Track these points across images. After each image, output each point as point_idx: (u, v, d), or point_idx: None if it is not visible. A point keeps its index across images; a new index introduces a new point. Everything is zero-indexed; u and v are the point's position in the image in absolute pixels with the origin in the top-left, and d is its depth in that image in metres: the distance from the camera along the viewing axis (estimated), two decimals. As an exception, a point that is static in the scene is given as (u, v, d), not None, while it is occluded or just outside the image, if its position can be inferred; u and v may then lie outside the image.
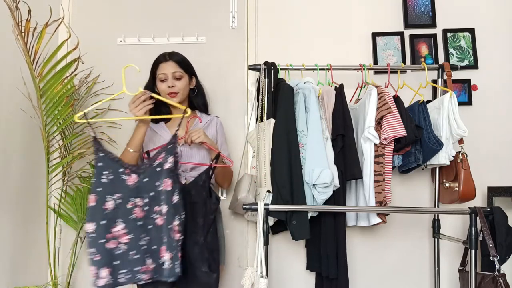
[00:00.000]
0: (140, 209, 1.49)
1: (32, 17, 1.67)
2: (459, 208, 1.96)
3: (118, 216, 1.46)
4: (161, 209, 1.47)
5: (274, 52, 2.24)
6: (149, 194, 1.49)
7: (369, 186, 1.83)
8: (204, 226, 1.65)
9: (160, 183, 1.48)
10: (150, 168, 1.51)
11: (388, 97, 1.85)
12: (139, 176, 1.50)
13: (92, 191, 1.46)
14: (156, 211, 1.48)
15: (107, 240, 1.44)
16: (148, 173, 1.50)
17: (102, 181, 1.46)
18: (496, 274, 1.65)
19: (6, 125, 1.90)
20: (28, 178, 2.02)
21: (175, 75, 1.79)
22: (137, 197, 1.49)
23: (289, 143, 1.80)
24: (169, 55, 1.83)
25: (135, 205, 1.48)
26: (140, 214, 1.49)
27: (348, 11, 2.27)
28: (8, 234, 1.89)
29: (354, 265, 2.12)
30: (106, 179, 1.46)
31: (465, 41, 2.22)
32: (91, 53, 2.22)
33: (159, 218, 1.48)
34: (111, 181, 1.47)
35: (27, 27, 1.66)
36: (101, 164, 1.47)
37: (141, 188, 1.49)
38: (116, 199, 1.46)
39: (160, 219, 1.48)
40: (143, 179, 1.49)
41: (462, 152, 1.92)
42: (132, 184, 1.49)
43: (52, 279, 1.95)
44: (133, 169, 1.50)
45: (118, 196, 1.47)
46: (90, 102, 2.18)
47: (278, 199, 1.76)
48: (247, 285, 1.62)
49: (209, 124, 1.89)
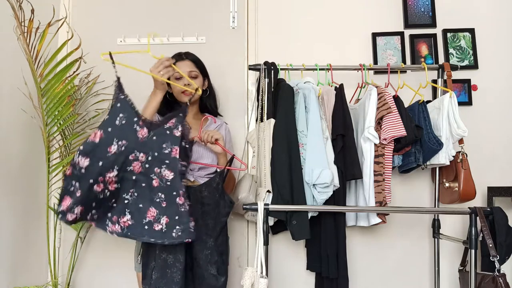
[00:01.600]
0: (140, 164, 1.45)
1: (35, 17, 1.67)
2: (459, 208, 1.96)
3: (116, 163, 1.41)
4: (162, 172, 1.44)
5: (274, 52, 2.24)
6: (154, 153, 1.45)
7: (369, 186, 1.83)
8: (215, 228, 1.66)
9: (167, 146, 1.45)
10: (161, 128, 1.48)
11: (388, 97, 1.85)
12: (149, 132, 1.46)
13: (101, 127, 1.39)
14: (156, 172, 1.45)
15: (96, 182, 1.37)
16: (158, 131, 1.47)
17: (115, 123, 1.41)
18: (496, 274, 1.64)
19: (6, 125, 1.90)
20: (29, 178, 2.02)
21: (191, 74, 1.79)
22: (141, 152, 1.45)
23: (289, 143, 1.80)
24: (185, 54, 1.84)
25: (136, 158, 1.45)
26: (138, 169, 1.45)
27: (348, 11, 2.27)
28: (8, 234, 1.89)
29: (354, 265, 2.12)
30: (119, 122, 1.41)
31: (465, 41, 2.22)
32: (91, 53, 2.21)
33: (155, 180, 1.45)
34: (122, 125, 1.42)
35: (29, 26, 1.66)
36: (119, 105, 1.42)
37: (147, 144, 1.46)
38: (121, 146, 1.41)
39: (156, 181, 1.45)
40: (152, 136, 1.46)
41: (462, 152, 1.91)
42: (141, 137, 1.45)
43: (52, 279, 1.95)
44: (146, 123, 1.47)
45: (124, 143, 1.42)
46: (90, 102, 2.18)
47: (278, 199, 1.76)
48: (247, 285, 1.62)
49: (219, 129, 1.88)
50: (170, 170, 1.45)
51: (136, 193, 1.46)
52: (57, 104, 1.83)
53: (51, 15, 1.74)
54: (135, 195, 1.46)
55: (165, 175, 1.45)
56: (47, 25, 1.69)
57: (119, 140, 1.40)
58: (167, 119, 1.51)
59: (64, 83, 1.84)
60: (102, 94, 2.20)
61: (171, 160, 1.45)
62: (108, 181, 1.41)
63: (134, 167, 1.45)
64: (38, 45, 1.71)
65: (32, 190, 2.04)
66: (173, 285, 1.57)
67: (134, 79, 1.88)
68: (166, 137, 1.46)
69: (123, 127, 1.41)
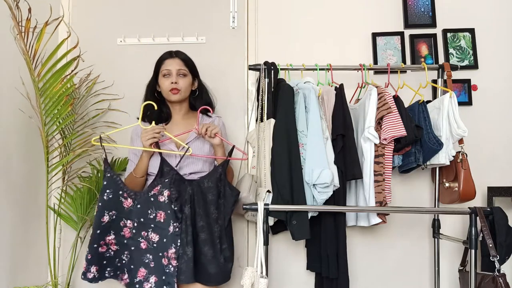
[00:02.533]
0: (128, 230, 1.68)
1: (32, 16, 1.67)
2: (459, 208, 1.96)
3: (111, 229, 1.67)
4: (148, 235, 1.65)
5: (274, 52, 2.24)
6: (139, 219, 1.66)
7: (369, 186, 1.83)
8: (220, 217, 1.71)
9: (152, 212, 1.65)
10: (145, 196, 1.66)
11: (388, 97, 1.85)
12: (133, 202, 1.67)
13: (97, 204, 1.67)
14: (143, 235, 1.66)
15: (99, 245, 1.65)
16: (141, 200, 1.66)
17: (104, 198, 1.66)
18: (496, 274, 1.65)
19: (5, 125, 1.89)
20: (28, 178, 2.02)
21: (179, 72, 1.79)
22: (128, 219, 1.67)
23: (289, 143, 1.80)
24: (175, 52, 1.83)
25: (125, 225, 1.68)
26: (128, 234, 1.68)
27: (348, 11, 2.27)
28: (8, 234, 1.89)
29: (354, 265, 2.12)
30: (106, 197, 1.66)
31: (465, 41, 2.22)
32: (91, 53, 2.22)
33: (143, 243, 1.66)
34: (110, 199, 1.66)
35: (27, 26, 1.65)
36: (105, 183, 1.67)
37: (133, 212, 1.67)
38: (112, 215, 1.67)
39: (144, 243, 1.65)
40: (137, 205, 1.66)
41: (462, 152, 1.91)
42: (126, 207, 1.68)
43: (52, 279, 1.95)
44: (130, 195, 1.68)
45: (114, 213, 1.67)
46: (90, 102, 2.18)
47: (278, 199, 1.76)
48: (247, 285, 1.62)
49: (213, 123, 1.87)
50: (156, 233, 1.64)
51: (129, 255, 1.68)
52: (56, 103, 1.82)
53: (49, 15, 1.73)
54: (128, 257, 1.69)
55: (151, 237, 1.64)
56: (45, 24, 1.68)
57: (109, 211, 1.66)
58: (151, 187, 1.66)
59: (62, 82, 1.84)
60: (102, 94, 2.20)
61: (155, 224, 1.64)
62: (109, 243, 1.68)
63: (124, 232, 1.68)
64: (36, 44, 1.70)
65: (32, 190, 2.04)
66: (181, 275, 1.61)
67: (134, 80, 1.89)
68: (150, 204, 1.65)
69: (110, 200, 1.66)
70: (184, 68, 1.81)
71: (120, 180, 1.68)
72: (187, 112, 1.88)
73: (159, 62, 1.82)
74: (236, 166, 2.08)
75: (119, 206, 1.67)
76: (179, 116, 1.86)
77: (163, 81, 1.79)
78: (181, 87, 1.78)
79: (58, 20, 1.72)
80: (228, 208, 1.72)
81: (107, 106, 2.19)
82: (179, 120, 1.85)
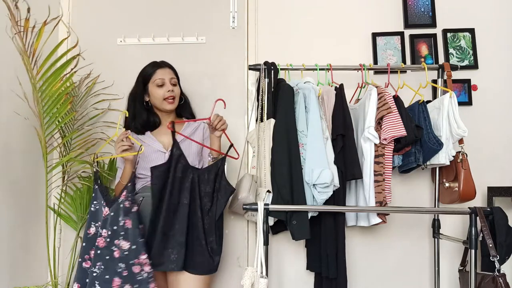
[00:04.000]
0: (102, 239, 1.64)
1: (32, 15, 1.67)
2: (459, 208, 1.96)
3: (94, 242, 1.65)
4: (120, 243, 1.61)
5: (274, 52, 2.23)
6: (113, 227, 1.63)
7: (369, 186, 1.83)
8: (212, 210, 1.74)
9: (122, 219, 1.63)
10: (115, 204, 1.64)
11: (388, 97, 1.85)
12: (109, 210, 1.65)
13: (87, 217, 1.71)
14: (116, 244, 1.62)
15: (84, 260, 1.67)
16: (114, 207, 1.64)
17: (91, 209, 1.69)
18: (496, 274, 1.65)
19: (5, 125, 1.89)
20: (28, 178, 2.02)
21: (172, 82, 1.83)
22: (103, 228, 1.65)
23: (289, 143, 1.80)
24: (162, 62, 1.87)
25: (100, 234, 1.65)
26: (102, 244, 1.63)
27: (348, 11, 2.27)
28: (8, 234, 1.89)
29: (354, 265, 2.12)
30: (94, 208, 1.69)
31: (465, 41, 2.22)
32: (91, 53, 2.21)
33: (116, 251, 1.62)
34: (96, 210, 1.69)
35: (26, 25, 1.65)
36: (94, 195, 1.71)
37: (107, 221, 1.64)
38: (98, 226, 1.67)
39: (117, 252, 1.61)
40: (111, 213, 1.64)
41: (462, 152, 1.92)
42: (104, 216, 1.66)
43: (52, 279, 1.95)
44: (107, 203, 1.67)
45: (99, 224, 1.67)
46: (90, 102, 2.18)
47: (278, 199, 1.76)
48: (247, 285, 1.62)
49: (196, 130, 1.90)
50: (126, 241, 1.62)
51: (103, 266, 1.63)
52: (55, 102, 1.82)
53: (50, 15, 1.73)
54: (102, 267, 1.63)
55: (122, 245, 1.61)
56: (43, 23, 1.68)
57: (95, 222, 1.68)
58: (120, 192, 1.65)
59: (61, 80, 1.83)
60: (102, 94, 2.19)
61: (125, 231, 1.62)
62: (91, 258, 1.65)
63: (98, 242, 1.64)
64: (35, 43, 1.70)
65: (32, 190, 2.04)
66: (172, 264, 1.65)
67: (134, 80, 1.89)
68: (119, 210, 1.63)
69: (96, 211, 1.69)
70: (175, 77, 1.86)
71: (106, 191, 1.70)
72: (175, 118, 1.92)
73: (149, 73, 1.83)
74: (236, 166, 2.08)
75: (101, 216, 1.67)
76: (167, 122, 1.87)
77: (156, 90, 1.80)
78: (176, 95, 1.83)
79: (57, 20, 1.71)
80: (222, 202, 1.75)
81: (107, 106, 2.19)
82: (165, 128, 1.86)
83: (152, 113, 1.87)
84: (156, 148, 1.80)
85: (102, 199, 1.68)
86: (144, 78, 1.84)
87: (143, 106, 1.86)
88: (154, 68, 1.83)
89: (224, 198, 1.76)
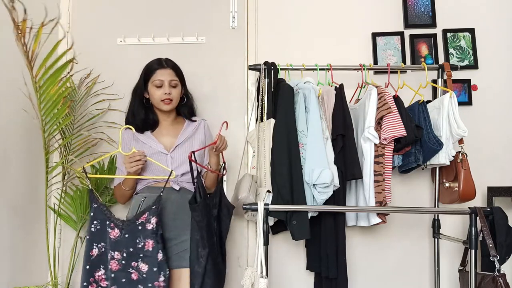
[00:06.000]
0: (116, 262, 1.58)
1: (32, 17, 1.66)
2: (459, 208, 1.96)
3: (101, 263, 1.60)
4: (139, 265, 1.58)
5: (274, 52, 2.23)
6: (128, 249, 1.58)
7: (369, 186, 1.83)
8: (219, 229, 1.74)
9: (140, 241, 1.59)
10: (132, 225, 1.60)
11: (388, 97, 1.85)
12: (121, 231, 1.60)
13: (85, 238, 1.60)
14: (133, 266, 1.58)
15: (89, 283, 1.59)
16: (129, 229, 1.59)
17: (92, 230, 1.60)
18: (496, 274, 1.65)
19: (6, 124, 1.90)
20: (28, 178, 2.02)
21: (171, 84, 1.79)
22: (115, 251, 1.58)
23: (289, 143, 1.80)
24: (166, 61, 1.83)
25: (112, 257, 1.58)
26: (116, 267, 1.58)
27: (348, 11, 2.27)
28: (8, 234, 1.89)
29: (354, 265, 2.12)
30: (94, 229, 1.60)
31: (465, 41, 2.22)
32: (91, 53, 2.22)
33: (134, 273, 1.58)
34: (98, 230, 1.60)
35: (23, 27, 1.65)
36: (92, 214, 1.61)
37: (120, 243, 1.59)
38: (101, 248, 1.60)
39: (135, 274, 1.58)
40: (125, 235, 1.59)
41: (462, 152, 1.91)
42: (113, 238, 1.59)
43: (52, 279, 1.95)
44: (117, 224, 1.60)
45: (103, 245, 1.60)
46: (90, 102, 2.18)
47: (278, 199, 1.76)
48: (247, 285, 1.62)
49: (197, 129, 1.89)
50: (145, 263, 1.58)
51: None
52: (55, 104, 1.81)
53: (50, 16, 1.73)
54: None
55: (141, 268, 1.58)
56: (41, 25, 1.68)
57: (98, 243, 1.60)
58: (139, 214, 1.61)
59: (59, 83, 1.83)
60: (102, 94, 2.19)
61: (144, 253, 1.58)
62: (99, 279, 1.60)
63: (111, 266, 1.58)
64: (33, 45, 1.70)
65: (32, 190, 2.04)
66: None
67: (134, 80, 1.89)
68: (138, 232, 1.59)
69: (98, 232, 1.60)
70: (176, 78, 1.81)
71: (107, 210, 1.62)
72: (175, 118, 1.90)
73: (150, 71, 1.80)
74: (236, 166, 2.08)
75: (107, 237, 1.60)
76: (167, 122, 1.87)
77: (154, 90, 1.78)
78: (173, 97, 1.79)
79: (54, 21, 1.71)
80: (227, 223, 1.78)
81: (107, 106, 2.19)
82: (167, 126, 1.86)
83: (151, 111, 1.85)
84: (157, 149, 1.78)
85: (106, 219, 1.60)
86: (145, 76, 1.82)
87: (143, 104, 1.84)
88: (155, 67, 1.80)
89: (228, 218, 1.77)
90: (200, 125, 1.91)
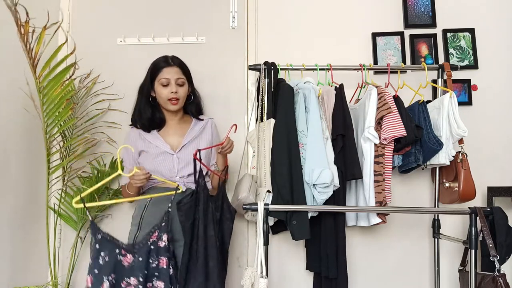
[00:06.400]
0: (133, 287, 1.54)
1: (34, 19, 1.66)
2: (459, 208, 1.96)
3: None
4: (154, 284, 1.55)
5: (274, 52, 2.23)
6: (144, 272, 1.54)
7: (369, 186, 1.83)
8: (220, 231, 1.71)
9: (154, 260, 1.56)
10: (145, 247, 1.56)
11: (388, 97, 1.85)
12: (134, 256, 1.55)
13: (89, 272, 1.50)
14: (148, 287, 1.55)
15: None
16: (142, 251, 1.55)
17: (99, 263, 1.50)
18: (496, 274, 1.65)
19: (7, 125, 1.90)
20: (29, 178, 2.02)
21: (178, 82, 1.77)
22: (130, 277, 1.53)
23: (289, 143, 1.80)
24: (172, 59, 1.81)
25: (128, 284, 1.53)
26: None
27: (348, 11, 2.27)
28: (8, 234, 1.89)
29: (354, 265, 2.12)
30: (102, 261, 1.51)
31: (465, 41, 2.22)
32: (91, 53, 2.22)
33: None
34: (106, 262, 1.51)
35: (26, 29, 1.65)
36: (98, 247, 1.52)
37: (135, 268, 1.54)
38: (111, 280, 1.51)
39: None
40: (138, 258, 1.55)
41: (462, 152, 1.91)
42: (127, 265, 1.54)
43: (52, 279, 1.95)
44: (128, 249, 1.55)
45: (113, 276, 1.52)
46: (90, 102, 2.18)
47: (278, 199, 1.76)
48: (247, 285, 1.62)
49: (204, 128, 1.88)
50: (161, 281, 1.55)
51: None
52: (57, 106, 1.82)
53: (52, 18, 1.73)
54: None
55: (157, 286, 1.55)
56: (43, 28, 1.68)
57: (108, 276, 1.50)
58: (149, 233, 1.57)
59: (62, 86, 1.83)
60: (102, 94, 2.19)
61: (159, 271, 1.55)
62: None
63: None
64: (36, 47, 1.70)
65: (32, 190, 2.04)
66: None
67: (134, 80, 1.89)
68: (151, 252, 1.55)
69: (107, 263, 1.51)
70: (182, 76, 1.80)
71: (115, 238, 1.55)
72: (182, 117, 1.89)
73: (156, 69, 1.78)
74: (236, 166, 2.08)
75: (119, 266, 1.53)
76: (174, 121, 1.86)
77: (161, 89, 1.76)
78: (180, 96, 1.78)
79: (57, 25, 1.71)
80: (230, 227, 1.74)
81: (107, 106, 2.19)
82: (174, 125, 1.86)
83: (158, 110, 1.84)
84: (163, 149, 1.77)
85: (114, 247, 1.53)
86: (152, 74, 1.80)
87: (149, 102, 1.82)
88: (162, 65, 1.78)
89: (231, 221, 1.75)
90: (208, 124, 1.90)
